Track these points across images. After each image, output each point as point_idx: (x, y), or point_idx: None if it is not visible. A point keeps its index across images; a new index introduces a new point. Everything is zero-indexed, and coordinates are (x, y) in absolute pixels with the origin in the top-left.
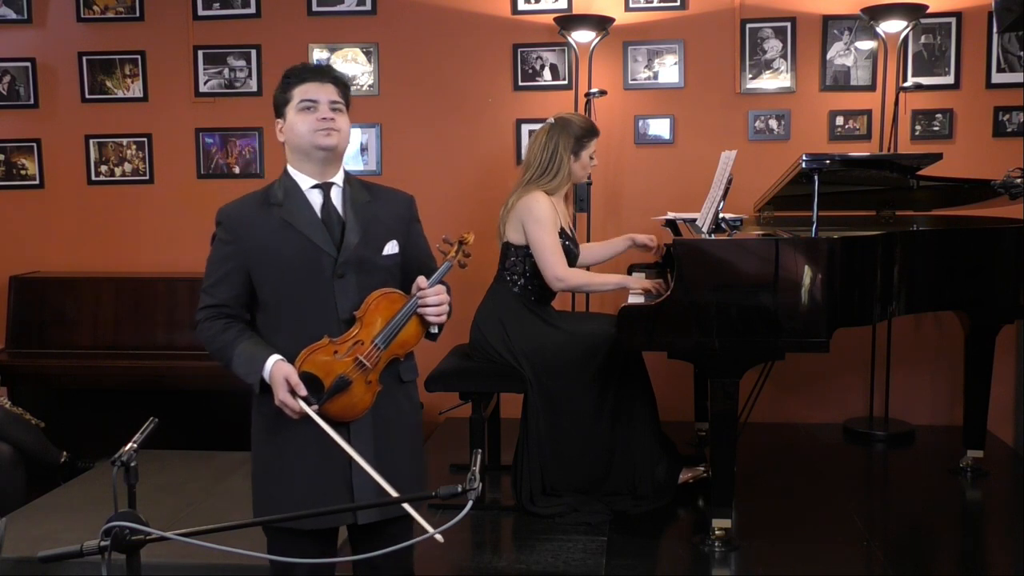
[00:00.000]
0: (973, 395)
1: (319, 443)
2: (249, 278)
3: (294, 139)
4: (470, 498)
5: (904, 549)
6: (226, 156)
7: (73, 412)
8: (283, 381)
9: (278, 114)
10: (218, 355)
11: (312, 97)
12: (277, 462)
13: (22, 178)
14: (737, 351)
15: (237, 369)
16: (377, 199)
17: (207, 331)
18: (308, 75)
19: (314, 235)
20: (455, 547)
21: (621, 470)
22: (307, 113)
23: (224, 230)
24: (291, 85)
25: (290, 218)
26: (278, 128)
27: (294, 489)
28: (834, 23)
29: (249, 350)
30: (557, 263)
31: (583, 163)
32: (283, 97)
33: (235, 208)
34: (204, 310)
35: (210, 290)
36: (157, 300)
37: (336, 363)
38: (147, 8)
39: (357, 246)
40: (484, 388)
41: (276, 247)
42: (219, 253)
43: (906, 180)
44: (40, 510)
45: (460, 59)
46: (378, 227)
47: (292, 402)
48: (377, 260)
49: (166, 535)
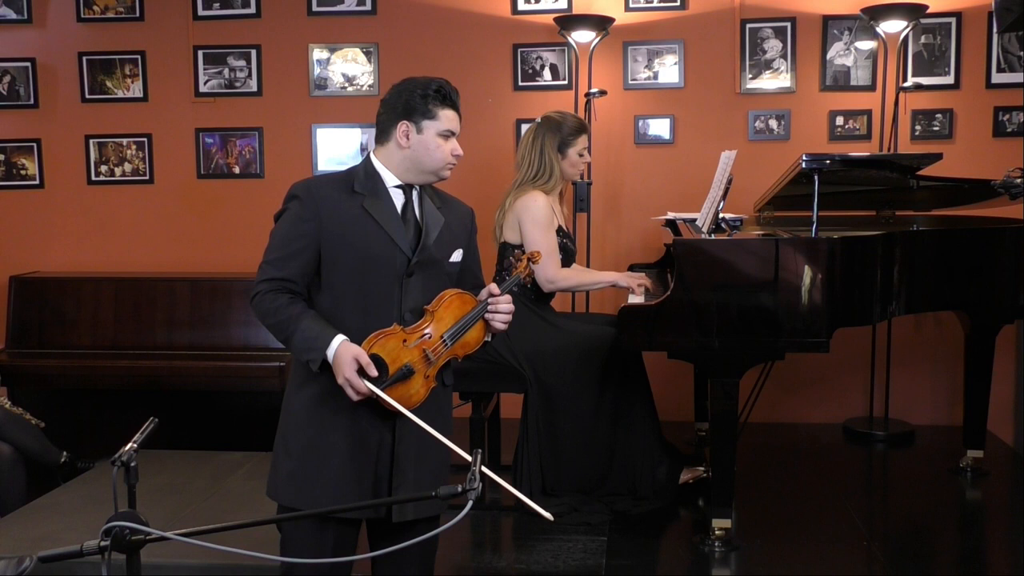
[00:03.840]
0: (973, 395)
1: (363, 435)
2: (319, 258)
3: (422, 157)
4: (470, 498)
5: (904, 549)
6: (226, 156)
7: (73, 412)
8: (352, 360)
9: (409, 118)
10: (277, 328)
11: (453, 129)
12: (314, 447)
13: (22, 178)
14: (737, 351)
15: (297, 344)
16: (447, 207)
17: (269, 303)
18: (454, 102)
19: (394, 232)
20: (455, 547)
21: (621, 470)
22: (445, 142)
23: (303, 206)
24: (440, 105)
25: (372, 210)
26: (402, 130)
27: (329, 477)
28: (834, 23)
29: (316, 327)
30: (549, 265)
31: (572, 161)
32: (426, 110)
33: (317, 186)
34: (268, 282)
35: (278, 263)
36: (157, 300)
37: (404, 351)
38: (147, 8)
39: (432, 249)
40: (484, 388)
41: (356, 235)
42: (295, 228)
43: (906, 180)
44: (40, 510)
45: (460, 59)
46: (449, 234)
47: (359, 382)
48: (444, 265)
49: (166, 535)
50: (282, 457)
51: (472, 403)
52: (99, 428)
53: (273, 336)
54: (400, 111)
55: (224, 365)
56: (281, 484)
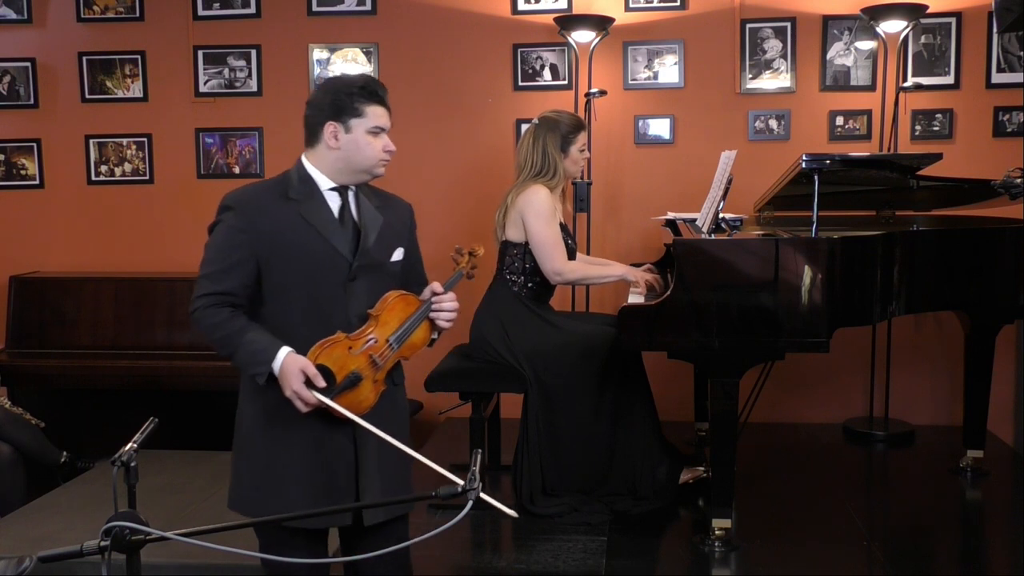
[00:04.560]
0: (973, 395)
1: (320, 443)
2: (258, 268)
3: (354, 156)
4: (470, 498)
5: (904, 549)
6: (226, 156)
7: (73, 412)
8: (298, 372)
9: (336, 118)
10: (220, 343)
11: (383, 125)
12: (274, 459)
13: (22, 178)
14: (737, 351)
15: (242, 359)
16: (385, 205)
17: (210, 318)
18: (381, 98)
19: (332, 236)
20: (455, 547)
21: (621, 470)
22: (376, 139)
23: (237, 217)
24: (366, 102)
25: (309, 216)
26: (330, 131)
27: (292, 488)
28: (834, 23)
29: (260, 340)
30: (556, 256)
31: (573, 158)
32: (353, 108)
33: (249, 196)
34: (207, 296)
35: (216, 276)
36: (157, 300)
37: (350, 358)
38: (147, 8)
39: (372, 251)
40: (484, 388)
41: (294, 243)
42: (230, 240)
43: (906, 180)
44: (40, 510)
45: (460, 59)
46: (389, 233)
47: (307, 393)
48: (387, 266)
49: (166, 535)
50: (242, 471)
51: (472, 403)
52: (99, 428)
53: (217, 351)
54: (327, 112)
55: (224, 365)
56: (242, 498)
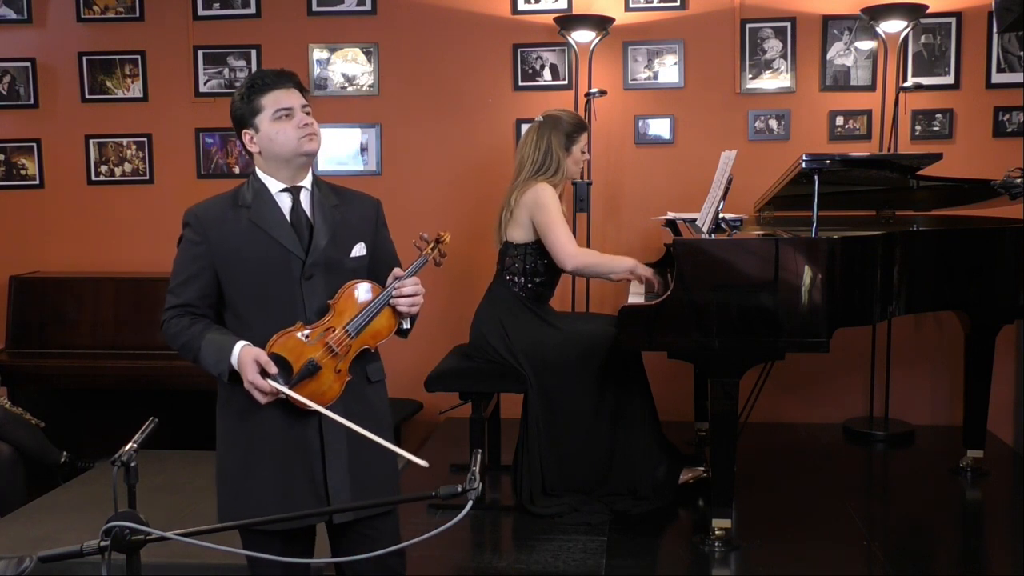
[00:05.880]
0: (973, 395)
1: (290, 442)
2: (217, 279)
3: (274, 148)
4: (470, 498)
5: (904, 549)
6: (226, 156)
7: (73, 412)
8: (252, 362)
9: (245, 126)
10: (185, 350)
11: (286, 105)
12: (246, 461)
13: (22, 178)
14: (737, 351)
15: (205, 360)
16: (345, 202)
17: (173, 328)
18: (273, 83)
19: (282, 237)
20: (455, 547)
21: (621, 470)
22: (284, 122)
23: (192, 231)
24: (257, 95)
25: (259, 220)
26: (248, 139)
27: (265, 489)
28: (834, 23)
29: (217, 340)
30: (568, 241)
31: (575, 158)
32: (249, 108)
33: (203, 209)
34: (170, 310)
35: (177, 290)
36: (157, 300)
37: (307, 347)
38: (147, 8)
39: (325, 248)
40: (484, 388)
41: (245, 249)
42: (187, 253)
43: (906, 180)
44: (40, 510)
45: (460, 59)
46: (346, 229)
47: (262, 383)
48: (345, 262)
49: (166, 535)
50: (221, 481)
51: (472, 403)
52: (99, 428)
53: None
54: (237, 124)
55: None
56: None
